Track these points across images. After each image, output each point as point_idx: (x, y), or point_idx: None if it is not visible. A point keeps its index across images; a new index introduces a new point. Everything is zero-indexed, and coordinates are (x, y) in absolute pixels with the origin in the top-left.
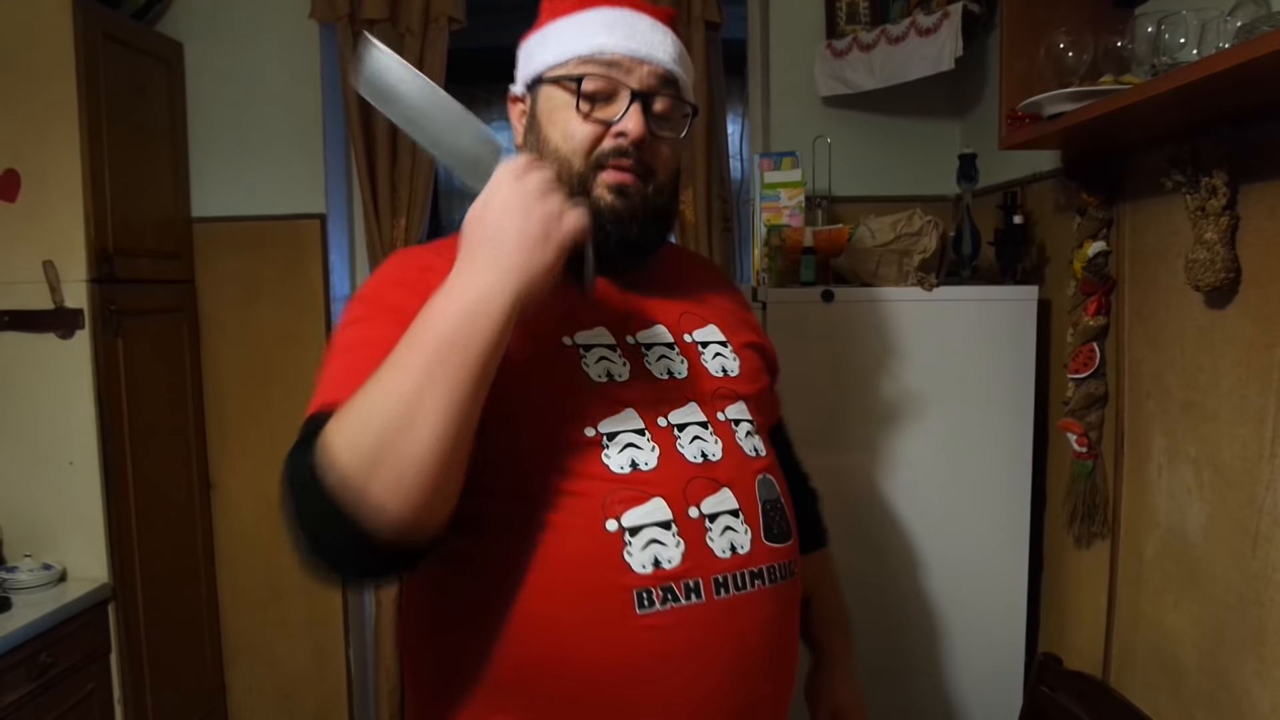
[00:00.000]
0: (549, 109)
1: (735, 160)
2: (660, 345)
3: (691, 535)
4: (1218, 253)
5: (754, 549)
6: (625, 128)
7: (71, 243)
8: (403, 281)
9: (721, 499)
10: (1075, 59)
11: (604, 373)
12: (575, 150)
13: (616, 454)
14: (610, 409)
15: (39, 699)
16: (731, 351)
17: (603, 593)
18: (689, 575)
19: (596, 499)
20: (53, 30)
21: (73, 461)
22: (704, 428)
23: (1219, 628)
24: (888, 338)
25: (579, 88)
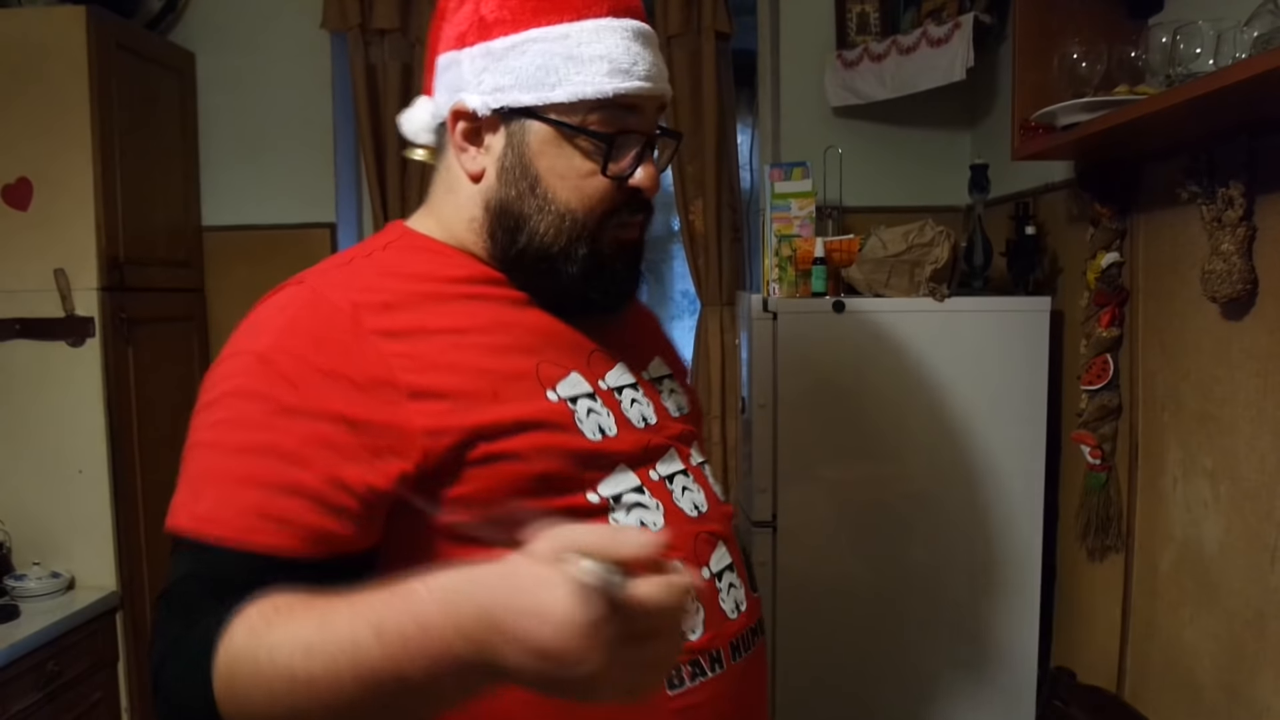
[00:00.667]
0: (551, 160)
1: (745, 170)
2: (627, 387)
3: (707, 598)
4: (1234, 264)
5: (748, 603)
6: (644, 185)
7: (83, 251)
8: (326, 342)
9: (721, 554)
10: (1089, 69)
11: (596, 429)
12: (592, 211)
13: (625, 517)
14: (606, 470)
15: (45, 708)
16: (679, 386)
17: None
18: (711, 645)
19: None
20: (66, 39)
21: (82, 469)
22: (686, 476)
23: (1236, 643)
24: (899, 349)
25: (609, 148)
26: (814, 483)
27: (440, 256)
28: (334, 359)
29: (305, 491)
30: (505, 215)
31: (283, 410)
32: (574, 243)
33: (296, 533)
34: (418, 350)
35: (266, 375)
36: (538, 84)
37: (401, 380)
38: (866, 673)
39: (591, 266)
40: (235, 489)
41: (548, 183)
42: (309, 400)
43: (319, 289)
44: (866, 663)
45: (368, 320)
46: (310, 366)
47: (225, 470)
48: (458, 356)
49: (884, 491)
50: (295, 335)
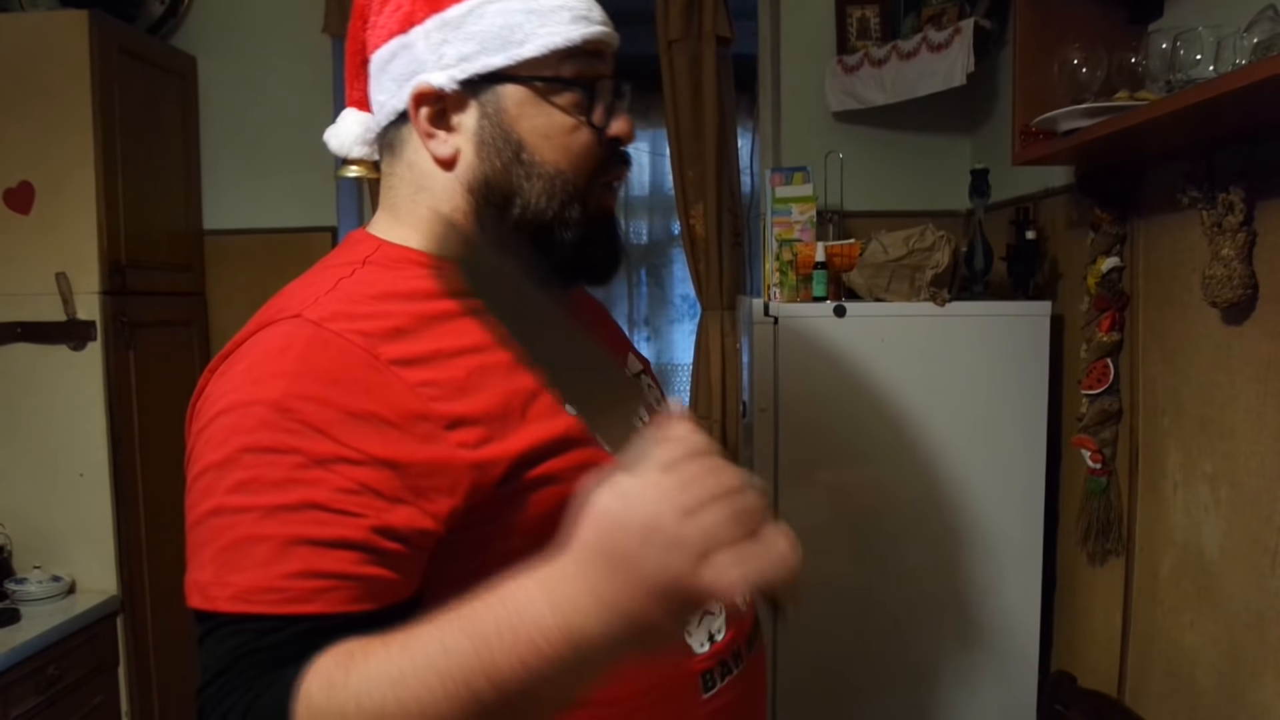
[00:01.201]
0: (533, 120)
1: (745, 175)
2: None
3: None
4: (1235, 269)
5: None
6: (624, 132)
7: (84, 255)
8: (348, 381)
9: None
10: (1089, 75)
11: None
12: (580, 170)
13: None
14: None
15: (46, 712)
16: (651, 379)
17: (671, 684)
18: (733, 644)
19: None
20: (68, 44)
21: (83, 473)
22: None
23: (1237, 647)
24: (900, 353)
25: (590, 96)
26: (815, 487)
27: (427, 269)
28: (359, 398)
29: (354, 544)
30: (492, 191)
31: (314, 461)
32: (567, 205)
33: (351, 589)
34: (441, 376)
35: (288, 426)
36: (504, 43)
37: (435, 411)
38: (867, 677)
39: (585, 231)
40: (277, 554)
41: (533, 145)
42: (341, 447)
43: (320, 322)
44: (867, 667)
45: (383, 350)
46: (335, 409)
47: (260, 535)
48: (480, 378)
49: (885, 495)
50: (310, 377)
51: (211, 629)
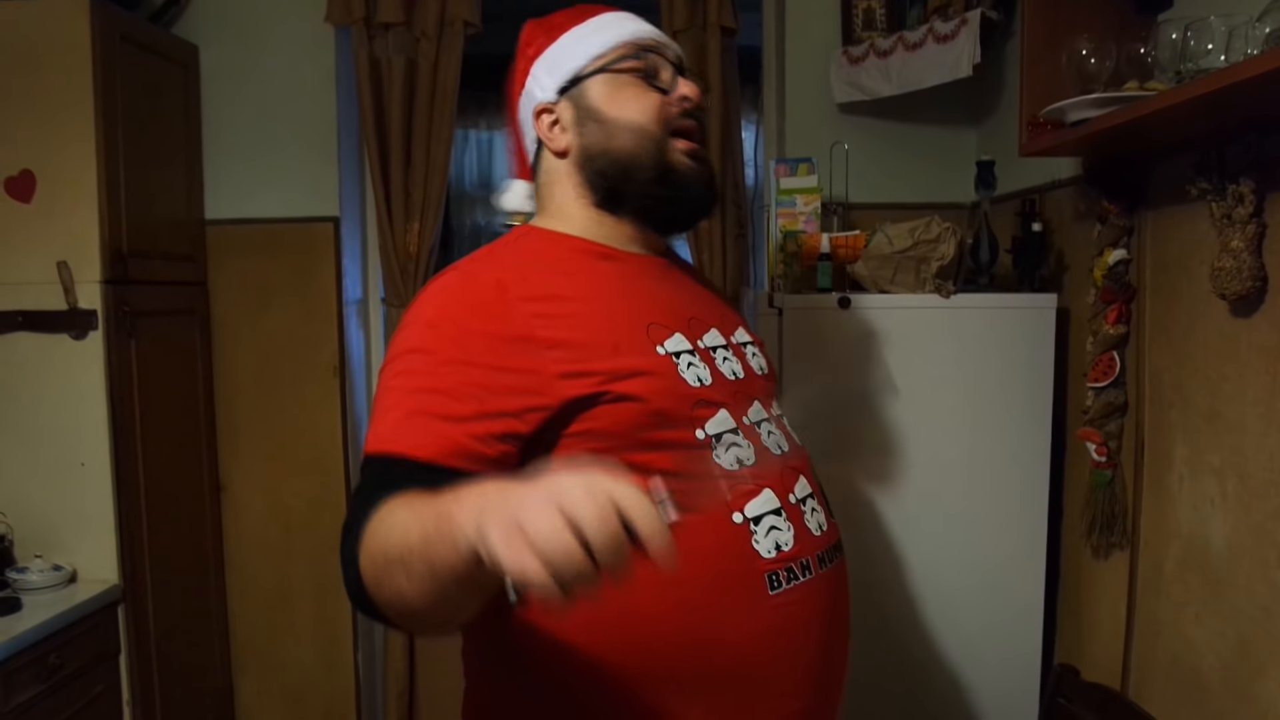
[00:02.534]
0: (609, 95)
1: (749, 166)
2: (720, 347)
3: (796, 519)
4: (1244, 261)
5: (829, 525)
6: (686, 92)
7: (86, 244)
8: (479, 309)
9: (803, 485)
10: (1097, 65)
11: (696, 379)
12: (654, 119)
13: (724, 453)
14: (709, 412)
15: (48, 700)
16: (760, 352)
17: (739, 579)
18: (801, 555)
19: (719, 495)
20: (69, 32)
21: (84, 462)
22: (770, 423)
23: (1243, 640)
24: (905, 345)
25: (642, 61)
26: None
27: (565, 240)
28: (486, 321)
29: (459, 418)
30: (592, 158)
31: (446, 361)
32: (646, 150)
33: (447, 446)
34: (553, 311)
35: (434, 336)
36: (576, 53)
37: (540, 335)
38: (869, 668)
39: (665, 171)
40: (406, 418)
41: (612, 114)
42: (466, 353)
43: (470, 271)
44: (869, 658)
45: (512, 290)
46: (467, 328)
47: (400, 405)
48: (585, 317)
49: (888, 487)
50: (455, 305)
51: (363, 465)
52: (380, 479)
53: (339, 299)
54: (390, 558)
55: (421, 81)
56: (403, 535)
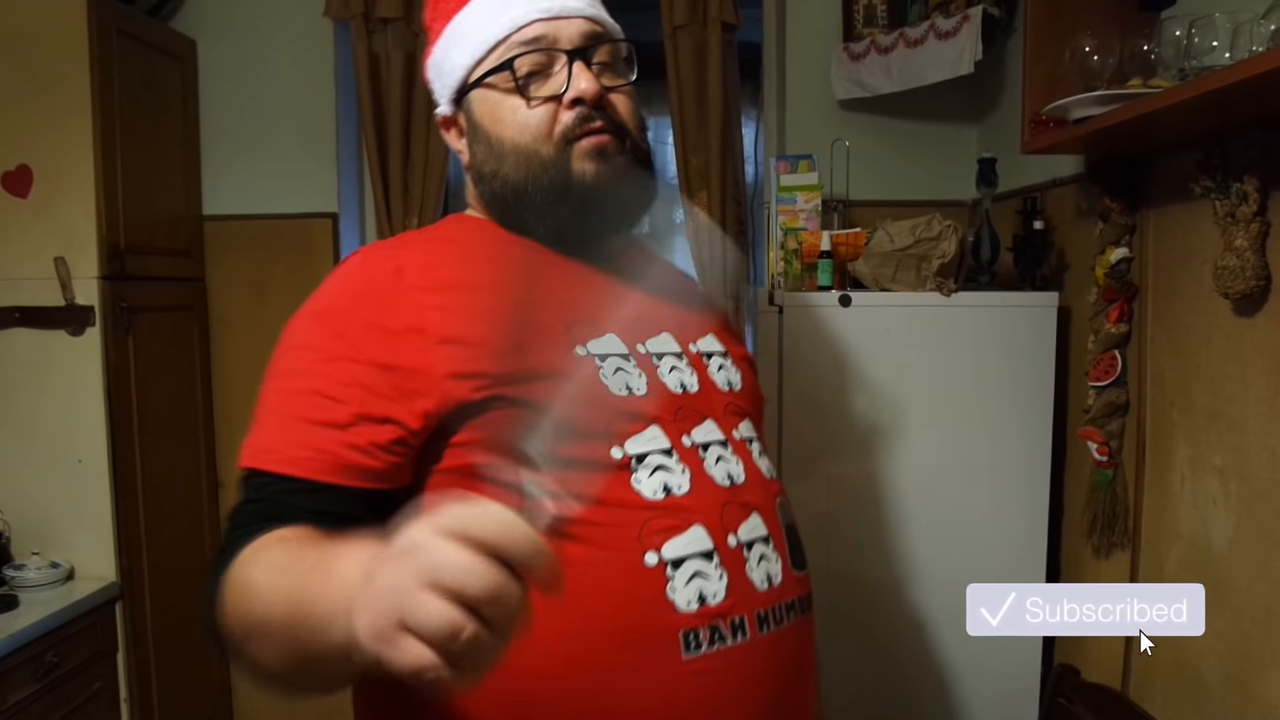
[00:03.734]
0: (489, 110)
1: (750, 163)
2: (669, 355)
3: (733, 566)
4: (1248, 260)
5: (785, 579)
6: (579, 92)
7: (83, 239)
8: (369, 297)
9: (753, 526)
10: (1100, 62)
11: (623, 385)
12: (537, 137)
13: (647, 478)
14: (634, 426)
15: (45, 698)
16: (732, 363)
17: (647, 635)
18: (734, 612)
19: (631, 529)
20: (67, 25)
21: (81, 459)
22: (724, 447)
23: (1244, 641)
24: (905, 343)
25: (513, 73)
26: (818, 477)
27: (489, 231)
28: (374, 311)
29: (339, 425)
30: (485, 178)
31: (329, 358)
32: (537, 171)
33: (325, 461)
34: (450, 303)
35: (319, 329)
36: (456, 62)
37: (432, 328)
38: (869, 667)
39: (561, 187)
40: (283, 425)
41: (495, 133)
42: (351, 348)
43: (371, 255)
44: (869, 657)
45: (409, 277)
46: (354, 318)
47: (279, 409)
48: (489, 310)
49: (888, 486)
50: (344, 293)
51: (239, 481)
52: (255, 503)
53: None
54: (248, 629)
55: (420, 77)
56: (265, 605)
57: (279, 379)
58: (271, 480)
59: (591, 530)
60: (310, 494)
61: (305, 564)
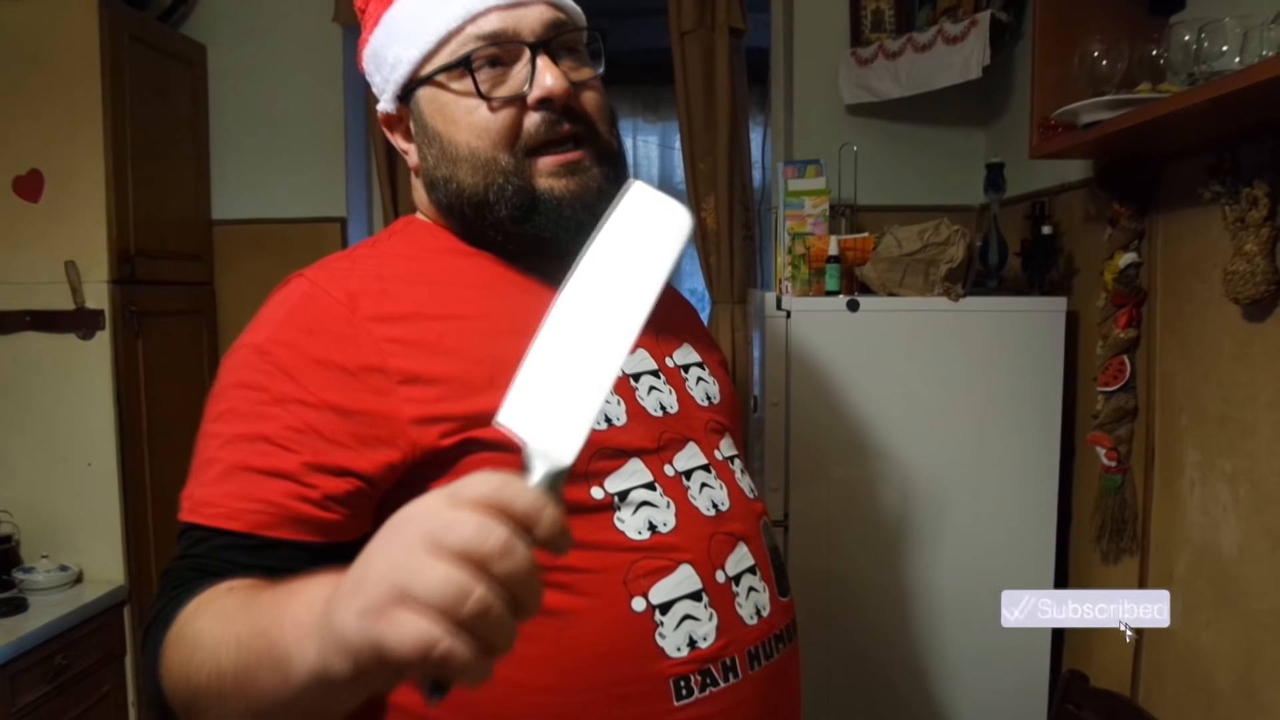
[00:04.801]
0: (441, 111)
1: (757, 168)
2: (646, 373)
3: (722, 604)
4: (1258, 265)
5: (773, 609)
6: (546, 90)
7: (93, 243)
8: (319, 332)
9: (740, 556)
10: (1109, 67)
11: (601, 417)
12: (496, 143)
13: (631, 516)
14: (615, 462)
15: (54, 701)
16: (709, 374)
17: (636, 686)
18: (725, 653)
19: (617, 574)
20: (78, 31)
21: (91, 463)
22: (707, 471)
23: (1255, 647)
24: (913, 348)
25: (470, 70)
26: (826, 482)
27: (446, 243)
28: (327, 348)
29: (287, 475)
30: (437, 185)
31: (275, 400)
32: (497, 180)
33: (270, 514)
34: (413, 336)
35: (263, 366)
36: (401, 55)
37: (393, 366)
38: (877, 673)
39: (527, 202)
40: (226, 475)
41: (448, 135)
42: (300, 389)
43: (317, 280)
44: (877, 663)
45: (364, 308)
46: (304, 356)
47: (219, 458)
48: (456, 342)
49: (896, 491)
50: (291, 327)
51: (178, 534)
52: (191, 559)
53: None
54: (196, 686)
55: None
56: (214, 656)
57: (219, 422)
58: (210, 535)
59: (575, 577)
60: (253, 550)
61: (259, 605)
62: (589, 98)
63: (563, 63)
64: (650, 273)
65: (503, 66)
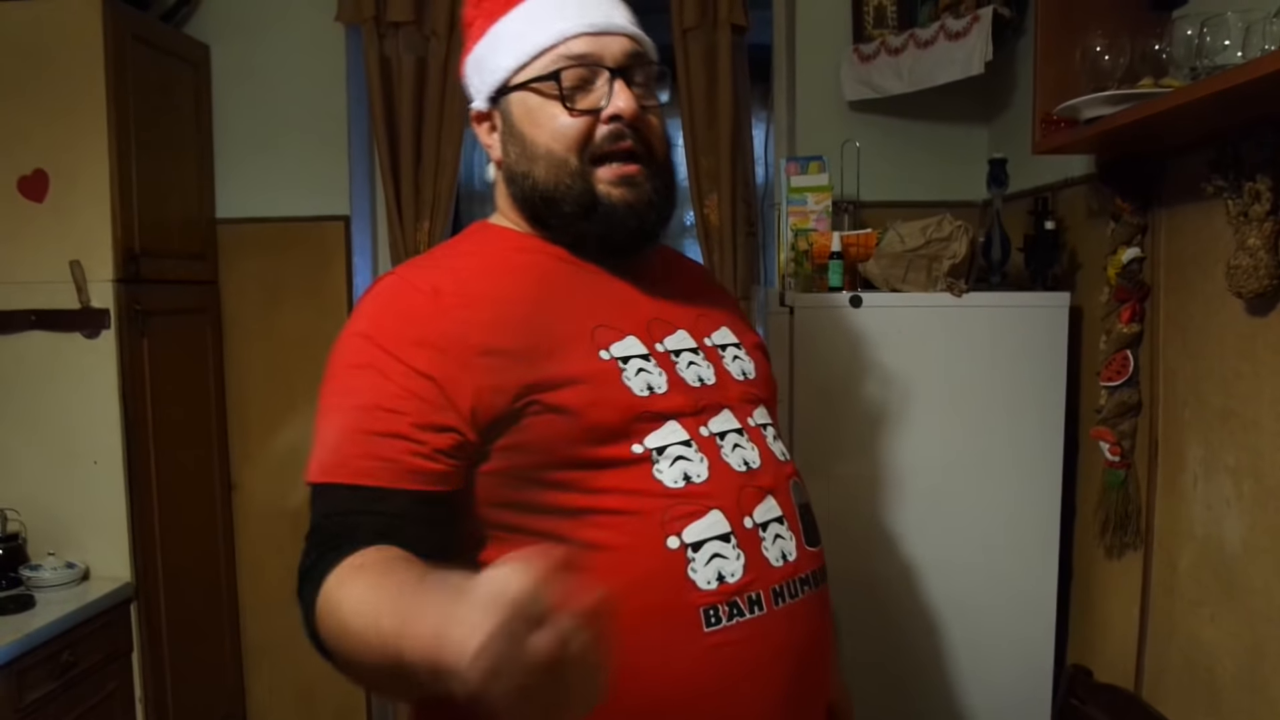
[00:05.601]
0: (527, 113)
1: (760, 165)
2: (686, 350)
3: (749, 546)
4: (1261, 259)
5: (799, 555)
6: (618, 109)
7: (98, 243)
8: (412, 316)
9: (768, 507)
10: (1111, 62)
11: (645, 386)
12: (569, 146)
13: (668, 468)
14: (655, 423)
15: (60, 698)
16: (745, 353)
17: (670, 613)
18: (751, 588)
19: (654, 517)
20: (82, 31)
21: (97, 461)
22: (740, 434)
23: (1259, 641)
24: (916, 344)
25: (559, 83)
26: (829, 478)
27: (513, 241)
28: (420, 329)
29: (403, 434)
30: (516, 179)
31: (382, 374)
32: (565, 180)
33: (396, 468)
34: (487, 315)
35: (369, 349)
36: (500, 63)
37: (473, 340)
38: (881, 668)
39: (588, 203)
40: (349, 439)
41: (530, 136)
42: (403, 364)
43: (405, 276)
44: (881, 658)
45: (446, 295)
46: (402, 338)
47: (341, 426)
48: (523, 321)
49: (900, 487)
50: (389, 314)
51: (311, 495)
52: (335, 519)
53: (350, 297)
54: (349, 649)
55: (432, 80)
56: (361, 629)
57: (336, 395)
58: (347, 494)
59: (617, 519)
60: (379, 500)
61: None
62: (652, 123)
63: (635, 89)
64: None
65: (585, 84)
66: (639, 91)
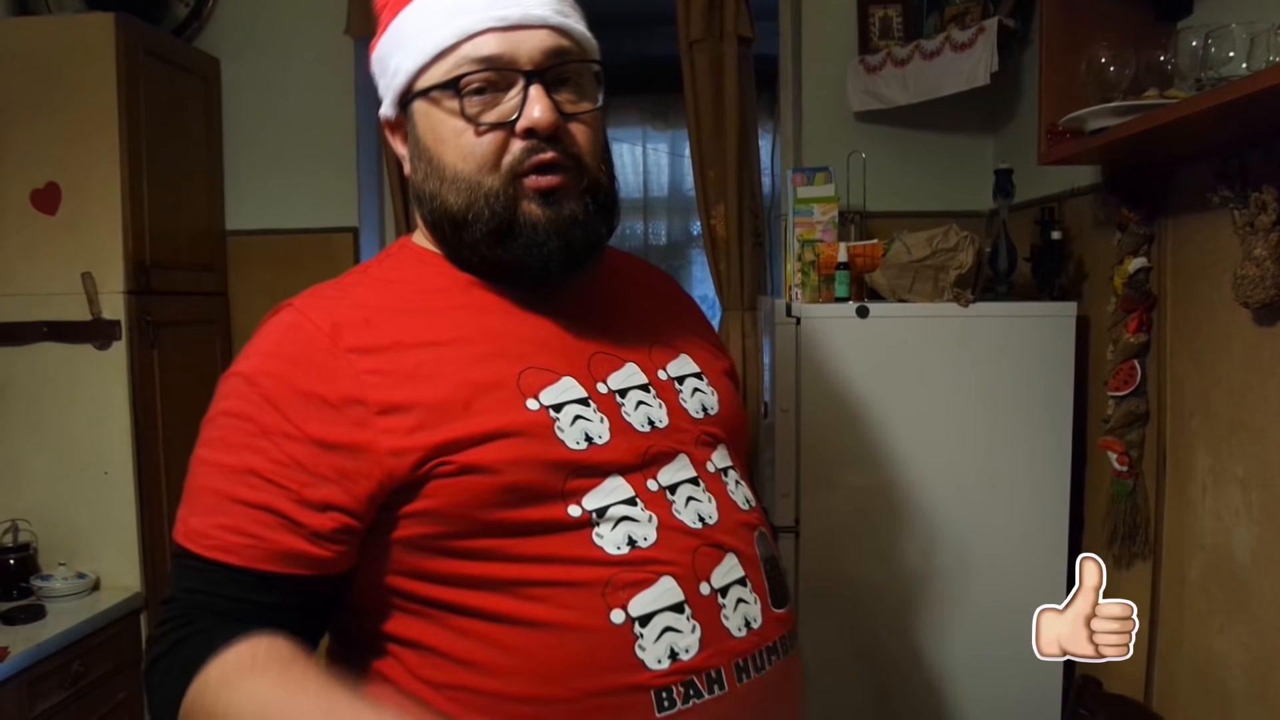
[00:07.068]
0: (432, 128)
1: (766, 175)
2: (635, 388)
3: (706, 616)
4: (1267, 269)
5: (764, 620)
6: (532, 122)
7: (109, 255)
8: (304, 363)
9: (729, 568)
10: (1117, 73)
11: (582, 436)
12: (481, 168)
13: (610, 532)
14: (594, 479)
15: (71, 707)
16: (709, 384)
17: (616, 697)
18: (709, 664)
19: (595, 588)
20: (95, 46)
21: (108, 471)
22: (695, 484)
23: (1269, 652)
24: (923, 354)
25: (459, 95)
26: (837, 488)
27: (433, 267)
28: (311, 379)
29: (275, 510)
30: (425, 199)
31: (262, 432)
32: (478, 204)
33: (266, 549)
34: (392, 366)
35: (251, 397)
36: (401, 63)
37: (371, 397)
38: (889, 679)
39: (503, 226)
40: (217, 506)
41: (437, 153)
42: (286, 422)
43: (304, 310)
44: (889, 669)
45: (346, 338)
46: (289, 387)
47: (211, 487)
48: (434, 369)
49: (907, 497)
50: (277, 358)
51: (173, 554)
52: (195, 598)
53: None
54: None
55: None
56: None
57: (211, 448)
58: (208, 567)
59: (554, 590)
60: (249, 585)
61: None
62: (580, 130)
63: (560, 93)
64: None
65: (495, 91)
66: (567, 95)
